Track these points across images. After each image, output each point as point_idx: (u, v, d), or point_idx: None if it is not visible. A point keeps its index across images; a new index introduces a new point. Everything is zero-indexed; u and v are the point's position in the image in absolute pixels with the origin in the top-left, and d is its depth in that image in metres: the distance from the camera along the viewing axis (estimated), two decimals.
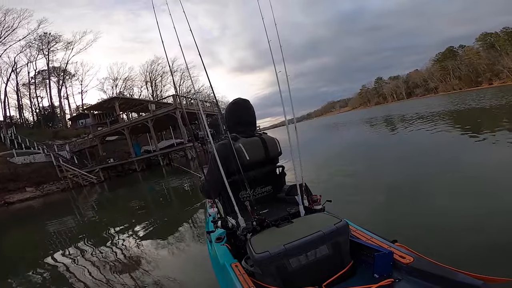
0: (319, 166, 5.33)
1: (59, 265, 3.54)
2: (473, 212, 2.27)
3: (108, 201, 10.25)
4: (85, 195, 13.22)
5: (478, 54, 73.72)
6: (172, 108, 18.04)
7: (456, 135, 6.32)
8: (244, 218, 1.21)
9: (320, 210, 1.34)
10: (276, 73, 1.47)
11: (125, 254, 3.41)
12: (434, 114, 12.51)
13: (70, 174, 18.45)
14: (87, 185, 17.52)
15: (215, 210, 1.38)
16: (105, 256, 3.49)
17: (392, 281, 0.90)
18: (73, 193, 15.20)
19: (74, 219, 7.21)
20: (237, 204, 1.24)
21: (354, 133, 14.44)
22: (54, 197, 15.85)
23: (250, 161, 1.41)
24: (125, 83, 45.33)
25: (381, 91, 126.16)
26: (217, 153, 1.30)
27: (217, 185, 1.37)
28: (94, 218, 6.95)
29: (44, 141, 25.15)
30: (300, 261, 0.99)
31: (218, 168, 1.27)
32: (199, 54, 1.58)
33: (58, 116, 39.62)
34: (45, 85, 39.00)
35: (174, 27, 1.62)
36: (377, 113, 30.35)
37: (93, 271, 3.02)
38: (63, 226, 6.38)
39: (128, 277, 2.66)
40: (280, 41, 1.53)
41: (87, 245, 4.26)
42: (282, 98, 1.49)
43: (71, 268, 3.32)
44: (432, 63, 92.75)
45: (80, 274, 3.02)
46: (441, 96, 53.05)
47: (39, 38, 35.49)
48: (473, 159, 4.06)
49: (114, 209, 7.91)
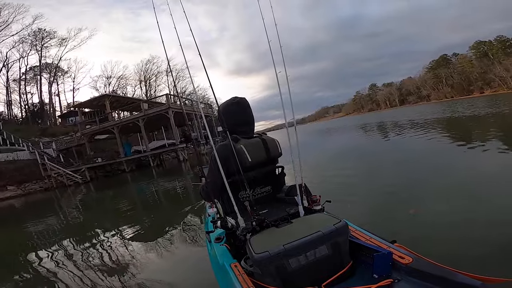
0: (314, 171, 5.43)
1: (40, 268, 3.43)
2: (464, 215, 2.35)
3: (93, 202, 10.01)
4: (69, 195, 12.93)
5: (471, 63, 75.75)
6: (165, 108, 17.90)
7: (447, 142, 6.50)
8: (243, 218, 1.22)
9: (319, 210, 1.35)
10: (276, 74, 1.48)
11: (120, 255, 3.34)
12: (427, 122, 12.81)
13: (54, 173, 18.02)
14: (72, 185, 17.12)
15: (214, 210, 1.38)
16: (92, 256, 3.42)
17: (391, 281, 0.92)
18: (57, 193, 14.82)
19: (57, 220, 7.03)
20: (237, 204, 1.25)
21: (348, 138, 14.60)
22: (36, 196, 15.43)
23: (251, 162, 1.42)
24: (118, 82, 44.98)
25: (375, 97, 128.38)
26: (217, 154, 1.31)
27: (217, 186, 1.38)
28: (78, 220, 6.78)
29: (30, 138, 24.49)
30: (299, 261, 1.00)
31: (218, 169, 1.28)
32: (199, 54, 1.58)
33: (48, 113, 38.84)
34: (36, 81, 38.39)
35: (175, 27, 1.62)
36: (370, 119, 30.86)
37: (81, 273, 2.96)
38: (45, 226, 6.22)
39: (125, 278, 2.62)
40: (280, 42, 1.54)
41: (72, 247, 4.17)
42: (282, 100, 1.50)
43: (56, 271, 3.22)
44: (426, 71, 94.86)
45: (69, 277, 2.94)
46: (433, 104, 54.23)
47: (33, 33, 35.14)
48: (464, 165, 4.20)
49: (101, 211, 7.73)
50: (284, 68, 1.51)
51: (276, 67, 1.51)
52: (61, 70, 40.68)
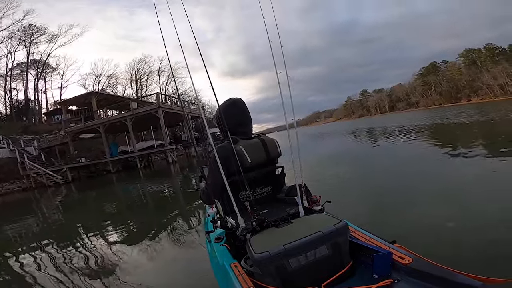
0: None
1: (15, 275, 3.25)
2: (448, 219, 2.46)
3: (72, 204, 9.67)
4: (48, 196, 12.53)
5: (459, 70, 78.04)
6: (154, 107, 17.66)
7: (435, 148, 6.75)
8: (243, 218, 1.22)
9: (319, 210, 1.36)
10: (277, 74, 1.48)
11: (111, 258, 3.23)
12: (416, 128, 13.12)
13: (33, 172, 17.41)
14: (52, 186, 16.56)
15: (214, 210, 1.39)
16: (72, 259, 3.31)
17: (391, 281, 0.93)
18: (35, 194, 14.33)
19: (33, 222, 6.78)
20: (237, 205, 1.26)
21: (340, 143, 14.78)
22: (13, 196, 14.95)
23: (251, 163, 1.43)
24: (108, 80, 44.15)
25: (366, 103, 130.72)
26: (216, 153, 1.32)
27: (218, 187, 1.39)
28: (52, 222, 6.55)
29: (11, 136, 23.57)
30: (299, 262, 1.00)
31: (218, 169, 1.29)
32: (200, 54, 1.60)
33: (33, 110, 37.63)
34: (22, 78, 37.26)
35: (174, 27, 1.64)
36: (360, 124, 31.51)
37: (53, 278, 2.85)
38: (21, 229, 6.01)
39: (123, 278, 2.57)
40: (281, 42, 1.55)
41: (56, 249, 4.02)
42: (282, 101, 1.51)
43: (35, 275, 3.07)
44: (415, 78, 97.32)
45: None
46: (422, 111, 55.64)
47: (23, 29, 34.22)
48: (450, 171, 4.38)
49: (80, 213, 7.37)
50: (285, 69, 1.52)
51: (272, 68, 1.52)
52: (49, 67, 39.73)
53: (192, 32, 1.63)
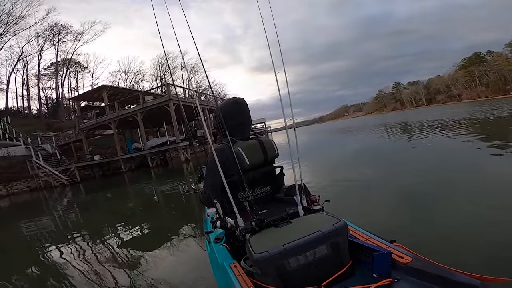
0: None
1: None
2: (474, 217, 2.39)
3: (66, 210, 8.33)
4: (47, 199, 11.88)
5: (507, 61, 72.26)
6: (164, 100, 15.81)
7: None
8: (243, 218, 1.25)
9: (319, 210, 1.38)
10: (276, 75, 1.55)
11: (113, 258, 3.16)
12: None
13: (41, 172, 16.71)
14: (58, 186, 15.69)
15: (213, 210, 1.42)
16: (91, 255, 3.27)
17: (391, 281, 0.94)
18: (40, 195, 13.78)
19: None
20: (236, 205, 1.28)
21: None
22: (19, 197, 14.58)
23: (250, 165, 1.45)
24: (135, 77, 45.12)
25: (399, 96, 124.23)
26: (215, 154, 1.34)
27: (216, 187, 1.41)
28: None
29: (34, 133, 23.16)
30: (299, 261, 1.02)
31: (217, 170, 1.31)
32: (198, 55, 1.80)
33: (63, 108, 39.05)
34: (55, 76, 38.88)
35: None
36: (396, 119, 28.37)
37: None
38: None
39: (122, 278, 2.56)
40: (279, 42, 1.62)
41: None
42: (286, 101, 1.59)
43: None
44: (456, 69, 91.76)
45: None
46: (466, 103, 51.41)
47: (50, 28, 35.31)
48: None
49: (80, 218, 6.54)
50: (284, 70, 1.57)
51: (277, 69, 1.56)
52: (81, 66, 41.22)
53: (190, 32, 1.73)
